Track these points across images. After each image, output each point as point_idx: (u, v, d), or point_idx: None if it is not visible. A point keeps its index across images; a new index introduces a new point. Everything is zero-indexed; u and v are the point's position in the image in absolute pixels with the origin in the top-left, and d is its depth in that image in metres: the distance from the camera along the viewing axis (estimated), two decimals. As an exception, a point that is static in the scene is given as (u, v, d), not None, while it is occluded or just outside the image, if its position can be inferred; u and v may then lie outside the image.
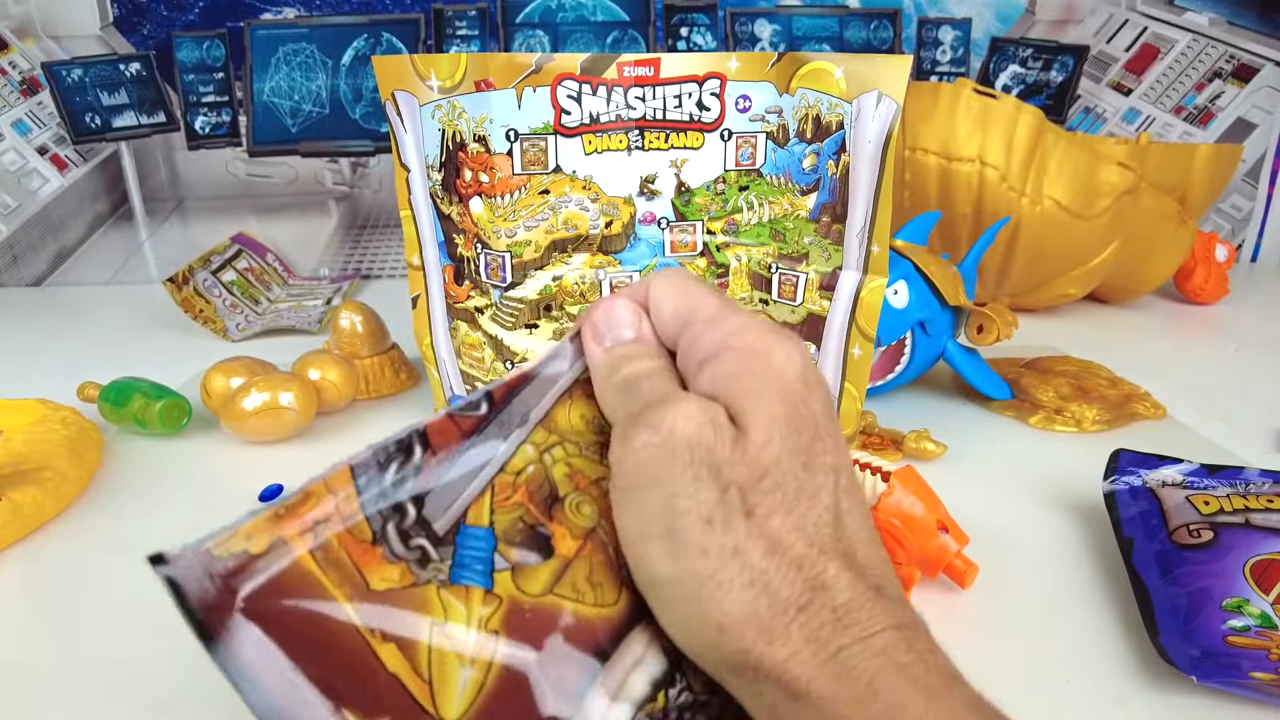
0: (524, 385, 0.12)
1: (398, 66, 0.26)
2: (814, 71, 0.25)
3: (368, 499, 0.11)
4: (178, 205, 0.53)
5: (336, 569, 0.10)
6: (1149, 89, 0.54)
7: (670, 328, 0.12)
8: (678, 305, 0.12)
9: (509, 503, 0.12)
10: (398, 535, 0.11)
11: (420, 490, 0.11)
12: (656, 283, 0.13)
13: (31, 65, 0.50)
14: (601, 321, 0.13)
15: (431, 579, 0.11)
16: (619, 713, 0.11)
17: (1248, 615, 0.19)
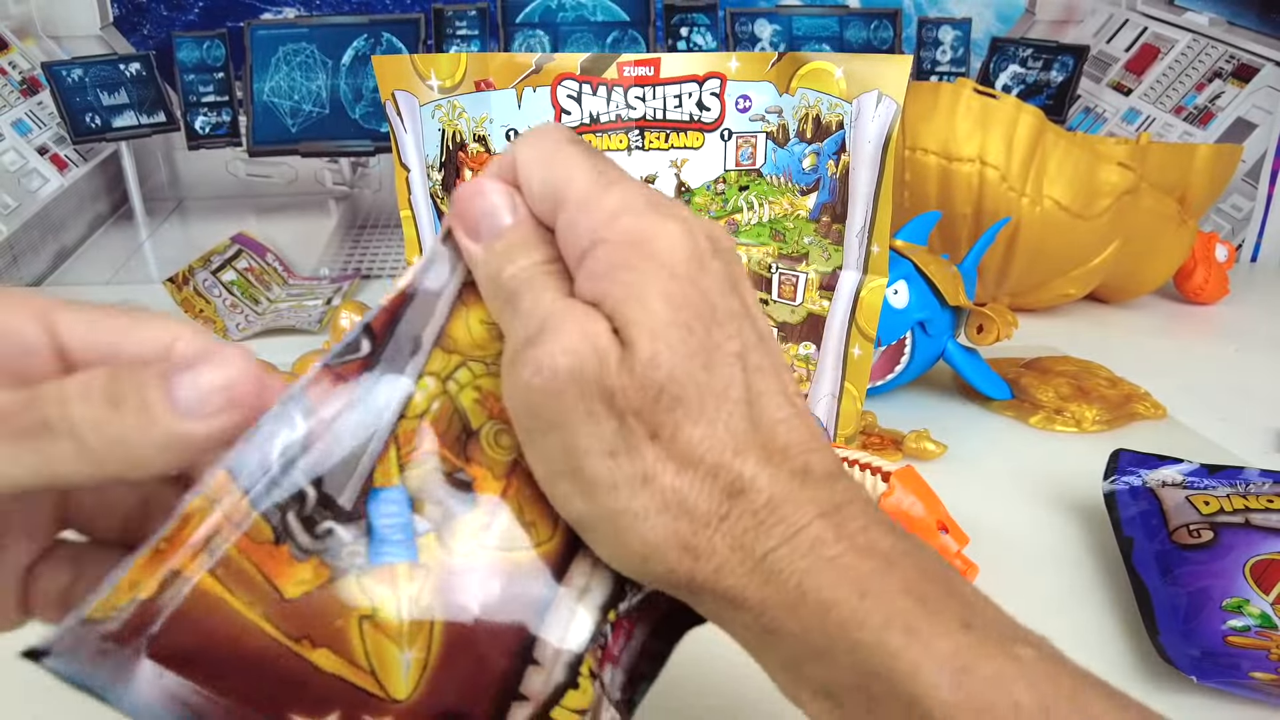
0: (406, 306, 0.10)
1: (398, 66, 0.26)
2: (814, 71, 0.25)
3: (256, 495, 0.09)
4: (178, 205, 0.53)
5: (243, 585, 0.09)
6: (1149, 89, 0.54)
7: (543, 207, 0.11)
8: (545, 181, 0.10)
9: (418, 453, 0.10)
10: (301, 525, 0.09)
11: (314, 467, 0.09)
12: (522, 151, 0.11)
13: (31, 65, 0.50)
14: (471, 211, 0.11)
15: (348, 567, 0.10)
16: (570, 648, 0.10)
17: (1248, 615, 0.19)
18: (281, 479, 0.09)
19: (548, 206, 0.11)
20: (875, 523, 0.10)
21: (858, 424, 0.28)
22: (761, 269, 0.27)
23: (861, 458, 0.22)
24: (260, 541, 0.09)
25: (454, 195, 0.11)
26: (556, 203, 0.10)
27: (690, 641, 0.12)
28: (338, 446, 0.10)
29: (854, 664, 0.09)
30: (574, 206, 0.10)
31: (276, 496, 0.09)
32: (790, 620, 0.10)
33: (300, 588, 0.09)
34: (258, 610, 0.09)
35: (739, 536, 0.10)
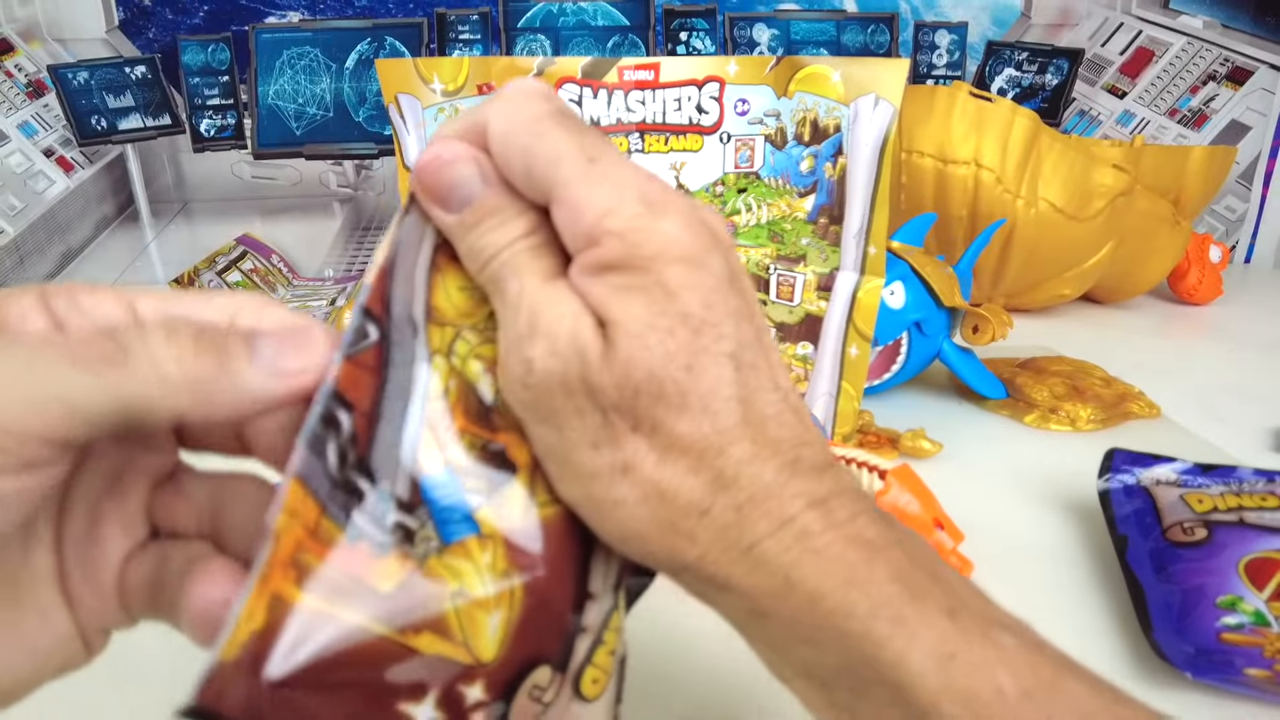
0: (390, 282, 0.10)
1: (401, 70, 0.27)
2: (812, 75, 0.26)
3: (325, 497, 0.09)
4: (183, 207, 0.54)
5: (339, 593, 0.09)
6: (1143, 92, 0.54)
7: (524, 186, 0.10)
8: (528, 167, 0.10)
9: (450, 433, 0.10)
10: (370, 521, 0.10)
11: (365, 459, 0.10)
12: (497, 121, 0.10)
13: (37, 68, 0.51)
14: (440, 182, 0.10)
15: (427, 552, 0.10)
16: (612, 575, 0.11)
17: (1241, 612, 0.19)
18: (340, 476, 0.10)
19: (530, 190, 0.10)
20: (863, 512, 0.10)
21: (855, 423, 0.28)
22: (760, 270, 0.28)
23: (858, 456, 0.22)
24: (332, 544, 0.09)
25: (417, 164, 0.10)
26: (543, 192, 0.10)
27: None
28: (382, 440, 0.10)
29: (841, 650, 0.10)
30: (564, 207, 0.10)
31: (339, 496, 0.09)
32: (778, 607, 0.10)
33: (391, 581, 0.10)
34: (360, 612, 0.09)
35: (722, 530, 0.10)
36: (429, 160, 0.10)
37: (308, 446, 0.09)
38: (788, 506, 0.10)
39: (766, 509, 0.10)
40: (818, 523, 0.10)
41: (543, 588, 0.10)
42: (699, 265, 0.10)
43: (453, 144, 0.10)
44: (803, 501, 0.10)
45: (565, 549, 0.11)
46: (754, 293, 0.11)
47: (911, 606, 0.10)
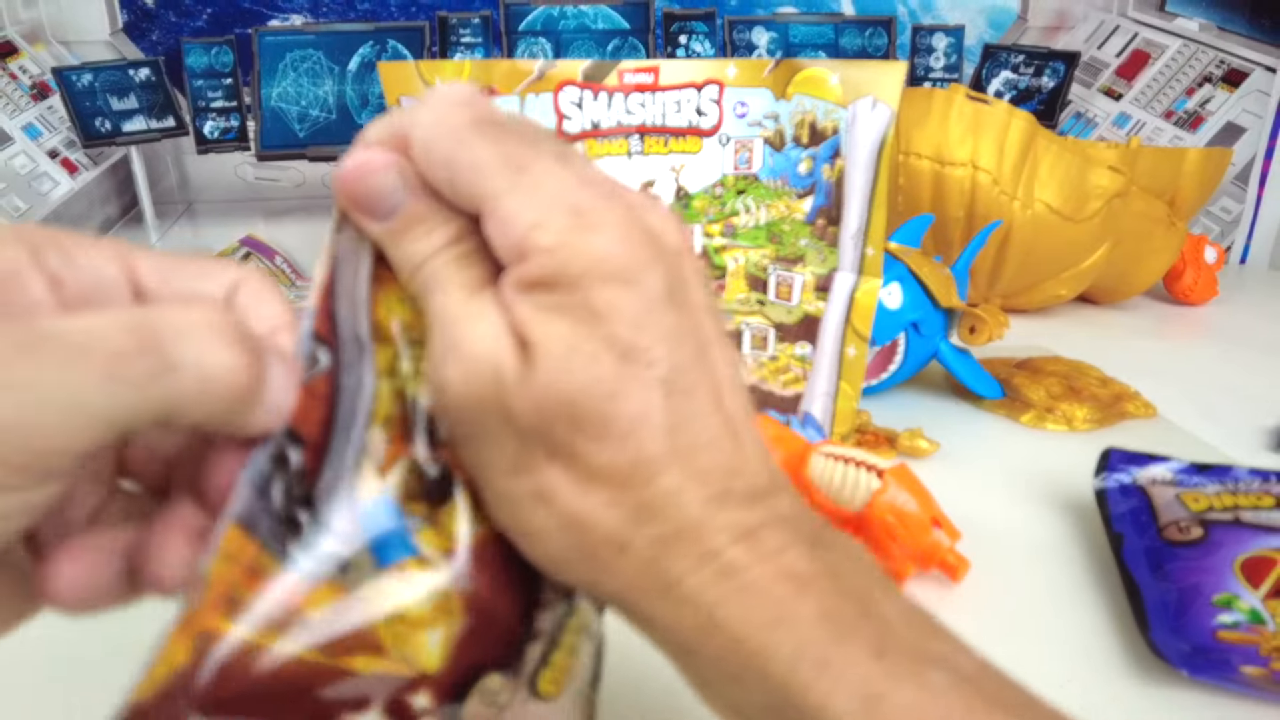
0: (334, 300, 0.10)
1: (403, 73, 0.27)
2: (810, 78, 0.26)
3: (266, 540, 0.09)
4: (187, 208, 0.54)
5: (270, 625, 0.09)
6: (1139, 94, 0.55)
7: (461, 203, 0.10)
8: (452, 181, 0.09)
9: (392, 459, 0.10)
10: (305, 553, 0.09)
11: (310, 494, 0.09)
12: (419, 130, 0.10)
13: (42, 70, 0.51)
14: (363, 191, 0.10)
15: (363, 579, 0.09)
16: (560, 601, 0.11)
17: (1237, 611, 0.19)
18: (284, 512, 0.09)
19: (457, 200, 0.10)
20: (794, 542, 0.10)
21: (853, 422, 0.28)
22: (759, 271, 0.28)
23: (856, 455, 0.22)
24: (273, 577, 0.09)
25: (338, 174, 0.10)
26: (471, 204, 0.10)
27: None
28: (328, 470, 0.09)
29: (766, 691, 0.09)
30: (492, 220, 0.09)
31: (282, 534, 0.09)
32: (703, 644, 0.10)
33: (320, 608, 0.09)
34: (292, 644, 0.09)
35: (646, 564, 0.09)
36: (351, 168, 0.10)
37: (252, 487, 0.09)
38: (712, 540, 0.09)
39: (690, 544, 0.09)
40: (744, 556, 0.10)
41: (485, 601, 0.10)
42: (631, 283, 0.09)
43: (375, 151, 0.10)
44: (729, 535, 0.10)
45: (509, 562, 0.11)
46: (704, 300, 0.10)
47: (837, 647, 0.09)
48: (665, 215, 0.10)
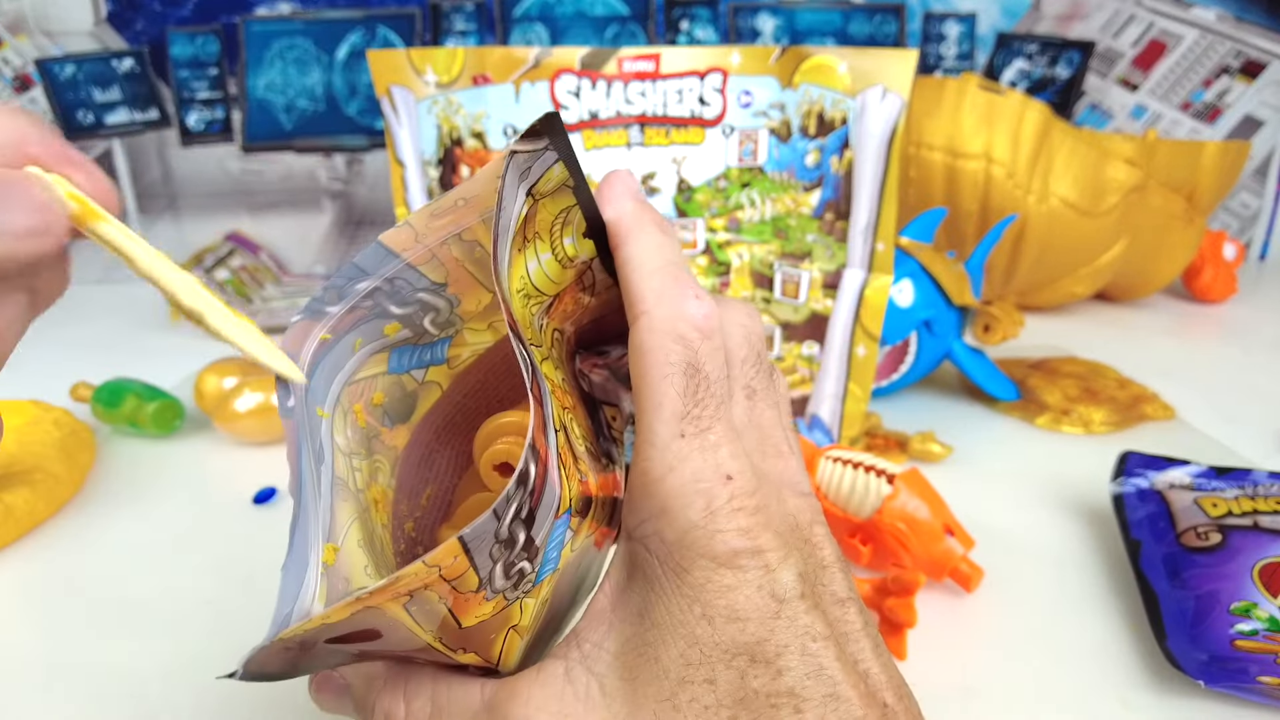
0: (507, 302, 0.10)
1: (394, 61, 0.26)
2: (817, 66, 0.25)
3: (481, 561, 0.09)
4: (171, 203, 0.53)
5: (429, 618, 0.09)
6: (1156, 85, 0.54)
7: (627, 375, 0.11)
8: (637, 380, 0.11)
9: (571, 472, 0.10)
10: (503, 570, 0.09)
11: (531, 509, 0.09)
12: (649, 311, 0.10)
13: (24, 61, 0.50)
14: (634, 186, 0.11)
15: (520, 595, 0.10)
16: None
17: (1256, 619, 0.18)
18: (505, 531, 0.09)
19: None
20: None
21: (862, 425, 0.27)
22: (764, 267, 0.27)
23: (866, 460, 0.22)
24: (464, 591, 0.09)
25: (611, 176, 0.11)
26: (634, 381, 0.10)
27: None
28: (549, 488, 0.10)
29: None
30: (637, 469, 0.10)
31: (495, 549, 0.09)
32: None
33: (477, 619, 0.10)
34: (432, 634, 0.10)
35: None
36: (622, 175, 0.11)
37: (489, 518, 0.09)
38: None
39: None
40: None
41: (553, 606, 0.11)
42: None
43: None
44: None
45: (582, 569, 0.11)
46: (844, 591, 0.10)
47: None
48: (813, 502, 0.11)
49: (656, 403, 0.10)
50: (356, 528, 0.11)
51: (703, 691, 0.09)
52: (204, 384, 0.30)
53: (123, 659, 0.18)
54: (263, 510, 0.25)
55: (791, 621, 0.10)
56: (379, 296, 0.11)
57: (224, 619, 0.20)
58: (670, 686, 0.10)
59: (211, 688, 0.17)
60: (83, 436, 0.27)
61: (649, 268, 0.11)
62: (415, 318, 0.12)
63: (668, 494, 0.10)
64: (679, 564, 0.10)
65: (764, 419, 0.11)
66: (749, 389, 0.11)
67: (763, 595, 0.10)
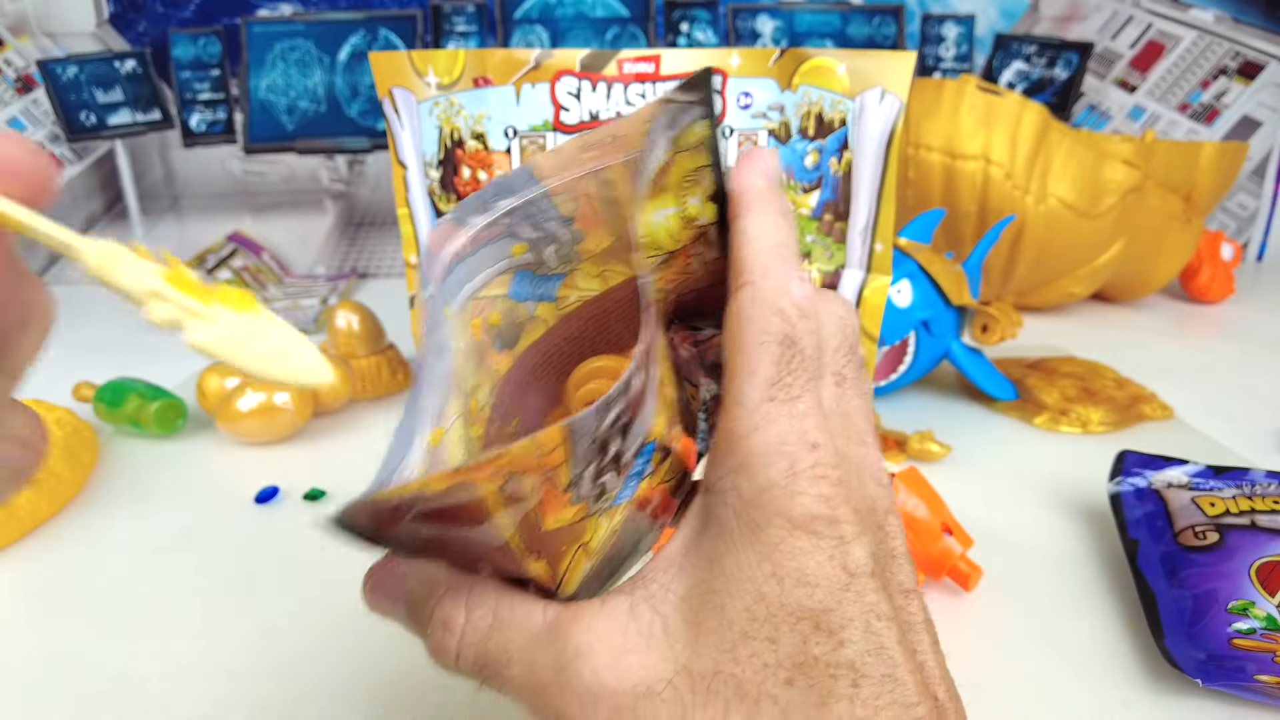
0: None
1: (395, 63, 0.26)
2: (816, 68, 0.25)
3: (578, 455, 0.09)
4: (173, 203, 0.53)
5: (514, 509, 0.09)
6: (1154, 86, 0.54)
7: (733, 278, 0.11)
8: (731, 342, 0.11)
9: (660, 408, 0.10)
10: (592, 476, 0.10)
11: (627, 422, 0.10)
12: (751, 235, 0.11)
13: (27, 63, 0.50)
14: (772, 169, 0.11)
15: (601, 509, 0.10)
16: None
17: (1253, 618, 0.18)
18: (603, 434, 0.09)
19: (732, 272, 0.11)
20: None
21: (860, 425, 0.27)
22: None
23: (865, 460, 0.22)
24: (555, 488, 0.09)
25: (754, 150, 0.11)
26: (729, 379, 0.10)
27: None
28: (647, 404, 0.10)
29: None
30: (727, 413, 0.10)
31: (591, 451, 0.09)
32: None
33: (557, 524, 0.10)
34: (512, 528, 0.09)
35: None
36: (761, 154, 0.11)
37: (595, 408, 0.09)
38: None
39: None
40: None
41: (617, 540, 0.11)
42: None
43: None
44: None
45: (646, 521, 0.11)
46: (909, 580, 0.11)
47: None
48: (886, 486, 0.11)
49: (750, 368, 0.10)
50: (459, 425, 0.11)
51: (764, 649, 0.09)
52: (206, 384, 0.30)
53: (123, 658, 0.18)
54: (265, 510, 0.25)
55: (859, 597, 0.10)
56: (516, 216, 0.11)
57: (225, 619, 0.20)
58: (733, 638, 0.10)
59: (211, 688, 0.17)
60: (85, 436, 0.27)
61: (762, 243, 0.11)
62: (540, 245, 0.12)
63: (751, 451, 0.10)
64: (754, 520, 0.10)
65: (851, 406, 0.11)
66: (839, 375, 0.11)
67: (834, 565, 0.10)
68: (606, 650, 0.10)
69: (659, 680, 0.10)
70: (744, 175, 0.11)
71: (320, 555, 0.22)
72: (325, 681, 0.18)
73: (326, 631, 0.19)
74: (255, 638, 0.19)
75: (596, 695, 0.10)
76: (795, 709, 0.09)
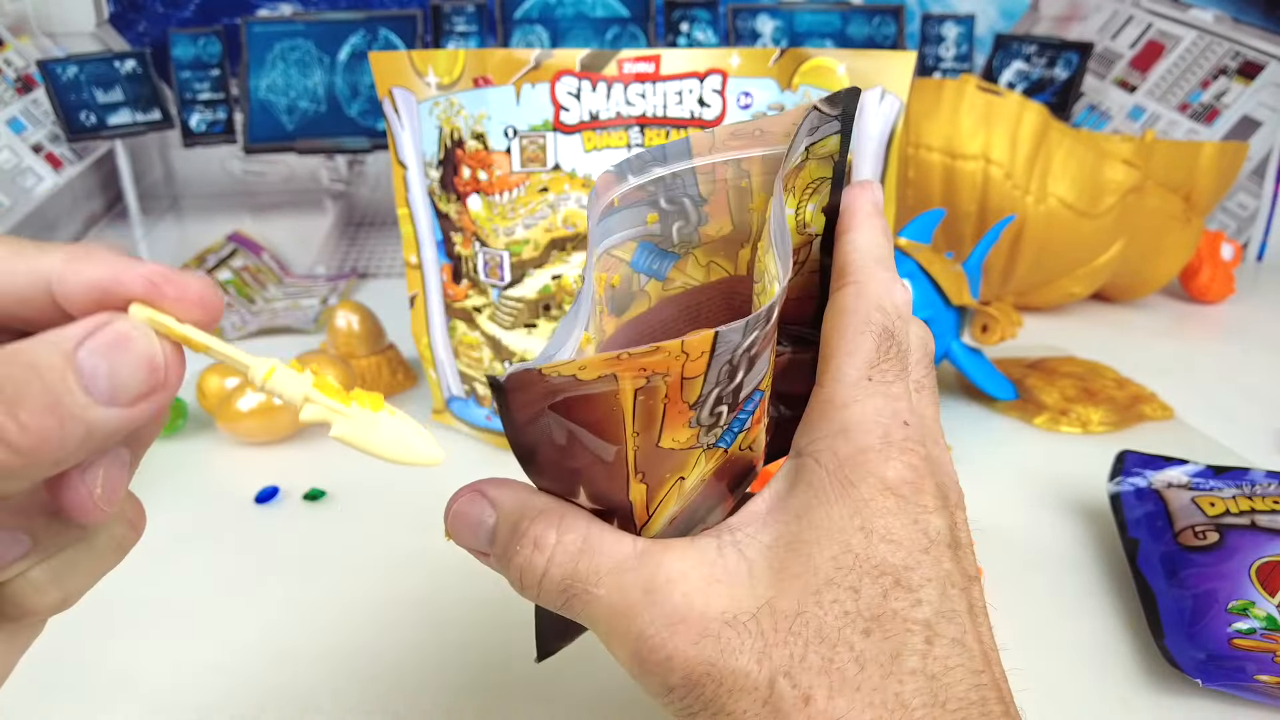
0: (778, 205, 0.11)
1: (395, 63, 0.26)
2: (816, 68, 0.25)
3: (717, 365, 0.10)
4: (173, 203, 0.53)
5: (645, 417, 0.10)
6: (1154, 86, 0.54)
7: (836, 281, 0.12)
8: (831, 323, 0.12)
9: (775, 361, 0.11)
10: (713, 402, 0.10)
11: (756, 354, 0.10)
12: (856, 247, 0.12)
13: (26, 63, 0.50)
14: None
15: (706, 444, 0.11)
16: None
17: (1253, 618, 0.18)
18: (739, 356, 0.10)
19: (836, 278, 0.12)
20: None
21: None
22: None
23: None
24: (685, 400, 0.10)
25: (865, 181, 0.12)
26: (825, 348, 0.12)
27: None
28: (766, 355, 0.10)
29: None
30: (826, 379, 0.11)
31: (725, 371, 0.10)
32: None
33: (672, 444, 0.10)
34: (635, 439, 0.10)
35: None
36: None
37: (745, 322, 0.10)
38: None
39: None
40: None
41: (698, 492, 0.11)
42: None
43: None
44: None
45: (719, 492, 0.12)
46: (973, 568, 0.11)
47: None
48: (952, 472, 0.12)
49: (850, 350, 0.11)
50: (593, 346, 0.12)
51: (846, 596, 0.10)
52: (206, 384, 0.30)
53: (123, 658, 0.18)
54: (265, 510, 0.25)
55: (937, 562, 0.10)
56: (662, 185, 0.12)
57: (225, 619, 0.20)
58: (817, 583, 0.10)
59: (211, 688, 0.17)
60: (85, 436, 0.27)
61: (870, 254, 0.12)
62: (670, 218, 0.12)
63: (849, 419, 0.11)
64: (848, 477, 0.10)
65: (928, 413, 0.12)
66: (919, 384, 0.12)
67: (917, 529, 0.10)
68: (698, 578, 0.10)
69: (744, 612, 0.10)
70: (857, 196, 0.12)
71: (320, 555, 0.22)
72: (326, 681, 0.18)
73: (327, 631, 0.19)
74: (255, 637, 0.19)
75: (685, 618, 0.10)
76: (870, 658, 0.10)
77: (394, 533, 0.23)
